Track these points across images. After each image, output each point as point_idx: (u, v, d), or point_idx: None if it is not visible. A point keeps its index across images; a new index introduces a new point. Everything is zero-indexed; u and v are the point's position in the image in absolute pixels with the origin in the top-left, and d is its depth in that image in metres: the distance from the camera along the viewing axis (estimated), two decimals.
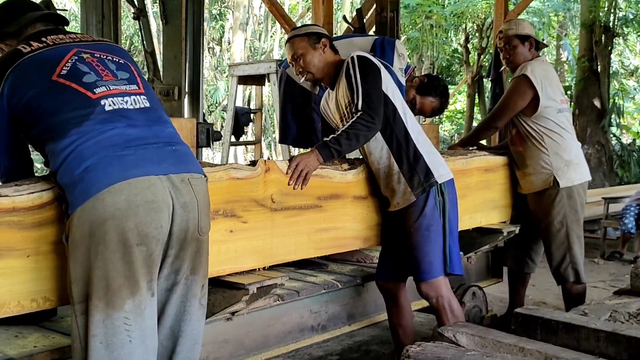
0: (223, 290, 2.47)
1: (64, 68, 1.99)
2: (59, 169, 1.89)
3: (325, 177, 2.88)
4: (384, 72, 2.93)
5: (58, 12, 2.99)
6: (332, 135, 2.76)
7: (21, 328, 2.30)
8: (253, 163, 2.57)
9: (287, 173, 2.65)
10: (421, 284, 2.96)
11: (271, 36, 18.20)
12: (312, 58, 2.93)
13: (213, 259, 2.40)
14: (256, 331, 2.84)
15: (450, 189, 3.00)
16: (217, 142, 5.50)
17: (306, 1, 18.10)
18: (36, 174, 2.14)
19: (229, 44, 17.67)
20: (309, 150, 2.84)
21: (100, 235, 1.83)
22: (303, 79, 3.01)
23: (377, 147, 2.94)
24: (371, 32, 5.05)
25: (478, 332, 2.24)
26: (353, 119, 2.77)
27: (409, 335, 3.17)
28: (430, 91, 3.81)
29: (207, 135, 2.99)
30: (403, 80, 3.33)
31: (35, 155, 2.22)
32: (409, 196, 2.93)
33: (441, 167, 3.00)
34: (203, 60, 3.06)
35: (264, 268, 2.64)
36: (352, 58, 2.88)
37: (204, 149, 3.46)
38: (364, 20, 4.47)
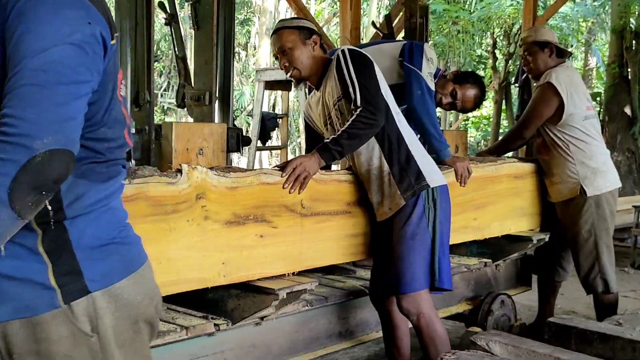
0: (253, 295, 2.48)
1: None
2: None
3: (355, 183, 2.87)
4: (376, 67, 2.78)
5: None
6: (332, 136, 2.64)
7: None
8: (283, 168, 2.57)
9: (282, 176, 2.53)
10: (401, 297, 2.74)
11: None
12: (301, 54, 2.76)
13: (243, 264, 2.43)
14: (284, 336, 2.84)
15: (443, 196, 2.80)
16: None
17: (332, 7, 18.13)
18: None
19: (255, 49, 17.77)
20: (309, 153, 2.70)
21: None
22: (288, 75, 2.84)
23: (367, 147, 2.76)
24: (399, 38, 5.05)
25: (511, 341, 2.21)
26: (353, 117, 2.61)
27: (404, 356, 3.00)
28: (467, 78, 3.59)
29: (237, 140, 3.01)
30: (432, 85, 3.28)
31: None
32: (399, 200, 2.74)
33: (434, 172, 2.83)
34: (233, 66, 3.08)
35: (293, 273, 2.65)
36: (343, 51, 2.73)
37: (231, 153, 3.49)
38: (392, 26, 4.47)
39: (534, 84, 4.22)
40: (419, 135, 3.33)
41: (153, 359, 2.35)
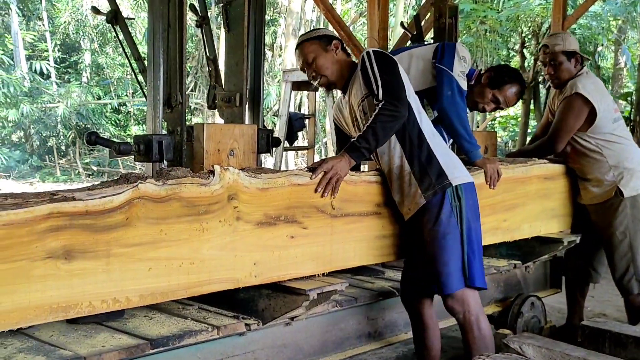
0: (283, 296, 2.49)
1: None
2: None
3: (384, 184, 2.87)
4: (400, 67, 2.79)
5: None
6: (358, 135, 2.65)
7: (89, 328, 2.36)
8: (313, 169, 2.59)
9: (312, 178, 2.52)
10: (446, 298, 2.76)
11: None
12: (325, 61, 2.82)
13: (274, 264, 2.45)
14: (314, 336, 2.85)
15: (469, 193, 2.79)
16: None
17: (358, 7, 18.10)
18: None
19: (281, 49, 17.81)
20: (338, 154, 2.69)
21: None
22: (316, 83, 2.89)
23: (389, 147, 2.78)
24: (427, 38, 5.02)
25: (545, 344, 2.20)
26: (375, 112, 2.63)
27: (435, 357, 2.98)
28: (504, 80, 3.47)
29: (267, 141, 3.03)
30: (464, 85, 3.24)
31: (92, 158, 2.28)
32: (419, 199, 2.75)
33: (457, 170, 2.81)
34: (263, 67, 3.10)
35: (323, 274, 2.67)
36: (368, 53, 2.76)
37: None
38: (421, 26, 4.45)
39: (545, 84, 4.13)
40: (450, 141, 3.32)
41: (183, 358, 2.40)
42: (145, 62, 2.92)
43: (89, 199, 1.97)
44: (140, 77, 3.33)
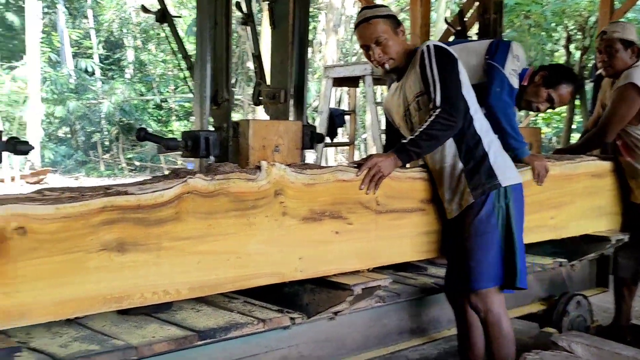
0: (328, 290, 2.52)
1: None
2: None
3: (429, 180, 2.87)
4: (460, 65, 2.74)
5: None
6: (410, 137, 2.62)
7: (139, 319, 2.42)
8: (359, 165, 2.60)
9: (357, 175, 2.53)
10: (470, 293, 2.77)
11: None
12: (394, 44, 2.71)
13: (319, 259, 2.47)
14: (357, 332, 2.87)
15: (517, 194, 2.77)
16: None
17: (399, 2, 18.01)
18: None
19: (321, 45, 17.85)
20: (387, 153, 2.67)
21: None
22: (379, 65, 2.78)
23: (443, 145, 2.73)
24: (470, 34, 4.98)
25: (594, 342, 2.18)
26: (432, 118, 2.58)
27: (478, 356, 2.95)
28: (559, 79, 3.38)
29: (311, 138, 3.05)
30: (515, 83, 3.21)
31: (135, 154, 2.34)
32: (467, 197, 2.73)
33: (508, 170, 2.79)
34: (307, 64, 3.12)
35: (367, 270, 2.68)
36: (428, 47, 2.68)
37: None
38: (465, 22, 4.42)
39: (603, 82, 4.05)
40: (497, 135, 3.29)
41: (230, 350, 2.45)
42: (192, 60, 2.97)
43: (141, 193, 2.02)
44: (185, 74, 3.38)
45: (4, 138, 2.58)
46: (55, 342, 2.15)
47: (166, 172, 2.49)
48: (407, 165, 2.82)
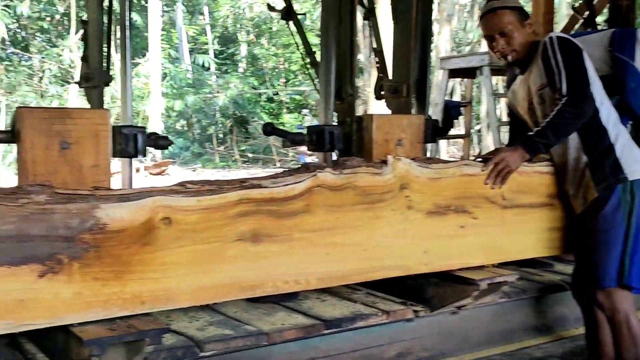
0: (452, 285, 2.52)
1: None
2: None
3: (557, 174, 2.80)
4: (585, 55, 2.64)
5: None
6: (536, 129, 2.56)
7: (268, 307, 2.52)
8: (486, 160, 2.58)
9: (482, 170, 2.50)
10: (596, 291, 2.66)
11: (477, 26, 17.75)
12: (519, 36, 2.66)
13: (443, 253, 2.48)
14: (481, 327, 2.85)
15: None
16: None
17: None
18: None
19: (433, 36, 17.59)
20: (513, 146, 2.63)
21: None
22: (502, 57, 2.73)
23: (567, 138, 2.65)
24: (598, 20, 4.76)
25: None
26: (558, 107, 2.51)
27: (607, 354, 2.80)
28: None
29: (433, 131, 3.05)
30: None
31: (248, 146, 2.42)
32: (592, 191, 2.63)
33: (636, 164, 2.64)
34: (430, 58, 3.12)
35: (491, 265, 2.66)
36: (551, 38, 2.61)
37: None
38: (594, 7, 4.24)
39: None
40: (628, 127, 3.14)
41: (354, 340, 2.50)
42: (317, 56, 3.04)
43: (273, 186, 2.11)
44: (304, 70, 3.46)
45: None
46: (193, 326, 2.29)
47: (277, 164, 2.57)
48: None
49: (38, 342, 2.08)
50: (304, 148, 3.25)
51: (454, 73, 7.21)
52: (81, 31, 15.51)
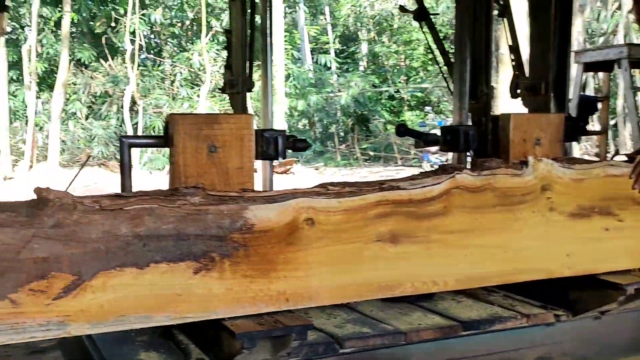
0: (596, 289, 2.43)
1: None
2: None
3: None
4: None
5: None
6: None
7: (403, 306, 2.55)
8: (630, 159, 2.46)
9: (630, 176, 2.30)
10: None
11: (611, 15, 16.81)
12: None
13: (587, 257, 2.40)
14: (625, 333, 2.72)
15: None
16: None
17: None
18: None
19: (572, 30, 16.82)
20: None
21: None
22: None
23: None
24: None
25: None
26: None
27: None
28: None
29: (573, 130, 2.95)
30: None
31: (369, 144, 2.43)
32: None
33: None
34: (570, 54, 3.01)
35: (638, 269, 2.53)
36: None
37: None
38: None
39: None
40: None
41: (492, 342, 2.47)
42: (450, 56, 3.02)
43: (412, 188, 2.13)
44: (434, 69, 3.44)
45: None
46: (331, 323, 2.35)
47: (399, 162, 2.57)
48: None
49: (188, 333, 2.23)
50: (431, 147, 3.24)
51: (588, 67, 6.88)
52: (210, 35, 16.18)
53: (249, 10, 3.47)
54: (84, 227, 1.76)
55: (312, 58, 22.57)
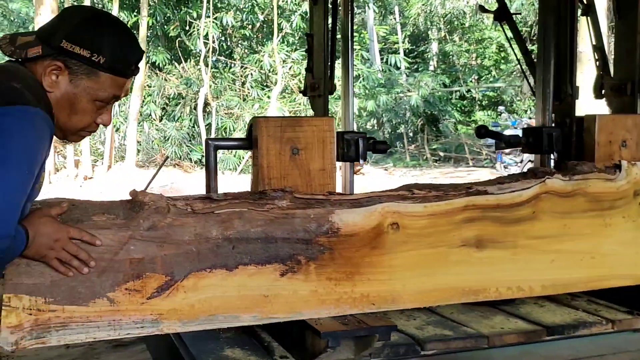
0: None
1: None
2: None
3: None
4: None
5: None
6: None
7: (484, 309, 2.51)
8: None
9: None
10: None
11: None
12: None
13: None
14: None
15: None
16: None
17: None
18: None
19: None
20: None
21: None
22: None
23: None
24: None
25: None
26: None
27: None
28: None
29: None
30: None
31: (439, 144, 2.40)
32: None
33: None
34: None
35: None
36: None
37: None
38: None
39: None
40: None
41: (576, 348, 2.41)
42: (533, 56, 2.97)
43: (499, 193, 2.12)
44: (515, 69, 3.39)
45: None
46: (412, 324, 2.35)
47: (470, 162, 2.53)
48: None
49: (271, 331, 2.27)
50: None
51: None
52: (280, 36, 16.33)
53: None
54: (177, 229, 1.83)
55: (382, 58, 22.48)
